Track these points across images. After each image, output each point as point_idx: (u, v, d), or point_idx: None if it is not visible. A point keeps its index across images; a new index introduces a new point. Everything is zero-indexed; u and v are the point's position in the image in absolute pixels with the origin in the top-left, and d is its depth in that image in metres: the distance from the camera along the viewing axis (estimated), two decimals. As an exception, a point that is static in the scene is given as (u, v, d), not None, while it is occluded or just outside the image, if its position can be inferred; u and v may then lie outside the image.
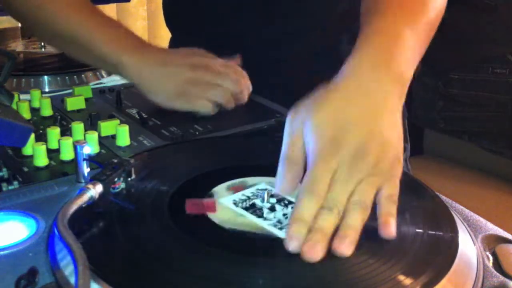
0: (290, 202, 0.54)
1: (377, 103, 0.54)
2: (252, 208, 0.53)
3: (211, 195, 0.55)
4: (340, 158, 0.50)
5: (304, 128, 0.52)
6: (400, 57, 0.58)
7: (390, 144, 0.52)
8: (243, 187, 0.57)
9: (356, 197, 0.48)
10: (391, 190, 0.50)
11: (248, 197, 0.54)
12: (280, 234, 0.49)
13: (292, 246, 0.46)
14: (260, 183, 0.57)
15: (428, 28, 0.67)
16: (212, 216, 0.51)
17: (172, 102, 0.80)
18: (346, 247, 0.45)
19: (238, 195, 0.55)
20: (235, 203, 0.53)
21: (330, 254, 0.46)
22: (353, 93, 0.54)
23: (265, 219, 0.51)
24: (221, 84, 0.81)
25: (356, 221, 0.47)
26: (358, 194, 0.49)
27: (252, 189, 0.56)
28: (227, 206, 0.53)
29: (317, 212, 0.47)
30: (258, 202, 0.54)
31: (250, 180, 0.58)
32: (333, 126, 0.51)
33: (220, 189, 0.56)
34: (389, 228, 0.48)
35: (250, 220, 0.51)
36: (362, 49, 0.58)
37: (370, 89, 0.54)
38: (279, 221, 0.51)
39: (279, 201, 0.54)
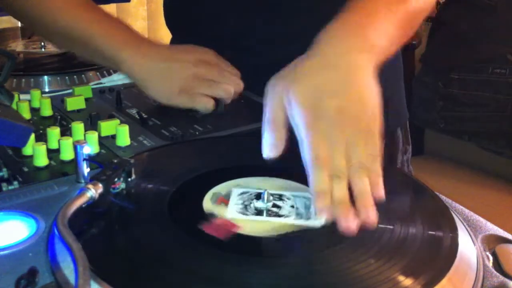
0: (280, 195, 0.54)
1: (348, 71, 0.58)
2: (261, 212, 0.52)
3: (213, 215, 0.52)
4: (326, 122, 0.53)
5: (284, 97, 0.56)
6: (370, 28, 0.62)
7: (366, 101, 0.56)
8: (222, 198, 0.55)
9: (354, 161, 0.52)
10: (372, 148, 0.53)
11: (245, 205, 0.54)
12: (314, 223, 0.50)
13: (324, 219, 0.49)
14: (233, 188, 0.56)
15: (409, 14, 0.70)
16: (242, 231, 0.50)
17: (174, 99, 0.80)
18: (373, 215, 0.49)
19: (235, 206, 0.53)
20: (243, 213, 0.53)
21: (330, 254, 0.46)
22: (326, 63, 0.59)
23: (285, 216, 0.51)
24: (223, 81, 0.81)
25: (364, 185, 0.51)
26: (354, 157, 0.52)
27: (237, 197, 0.55)
28: (242, 218, 0.52)
29: (330, 180, 0.51)
30: (259, 204, 0.53)
31: (220, 188, 0.57)
32: (312, 94, 0.55)
33: (212, 206, 0.54)
34: (376, 187, 0.51)
35: (275, 222, 0.51)
36: (335, 22, 0.63)
37: (341, 59, 0.59)
38: (298, 214, 0.51)
39: (278, 198, 0.54)
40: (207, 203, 0.54)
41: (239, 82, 0.85)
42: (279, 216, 0.51)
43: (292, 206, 0.53)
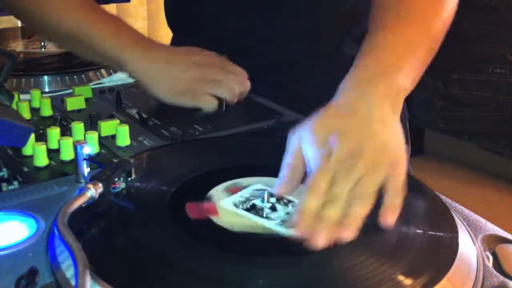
0: (290, 201, 0.54)
1: (365, 115, 0.56)
2: (254, 209, 0.53)
3: (209, 198, 0.54)
4: (337, 160, 0.51)
5: (302, 141, 0.55)
6: (400, 74, 0.60)
7: (386, 146, 0.53)
8: (240, 188, 0.56)
9: (358, 190, 0.50)
10: (396, 183, 0.51)
11: (247, 198, 0.54)
12: (286, 232, 0.49)
13: (295, 232, 0.48)
14: (256, 183, 0.57)
15: (434, 43, 0.69)
16: (216, 219, 0.51)
17: (177, 98, 0.81)
18: (347, 233, 0.47)
19: (237, 197, 0.55)
20: (235, 205, 0.53)
21: (330, 254, 0.46)
22: (343, 109, 0.57)
23: (269, 219, 0.51)
24: (226, 81, 0.82)
25: (358, 211, 0.49)
26: (359, 187, 0.50)
27: (249, 190, 0.56)
28: (228, 208, 0.53)
29: (321, 207, 0.49)
30: (258, 202, 0.54)
31: (245, 180, 0.58)
32: (326, 134, 0.54)
33: (217, 191, 0.56)
34: (389, 217, 0.49)
35: (254, 221, 0.51)
36: (362, 66, 0.61)
37: (365, 106, 0.57)
38: (283, 220, 0.51)
39: (279, 200, 0.54)
40: (219, 189, 0.55)
41: (245, 82, 0.84)
42: (263, 217, 0.51)
43: (288, 213, 0.52)
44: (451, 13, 0.73)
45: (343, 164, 0.51)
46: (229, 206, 0.53)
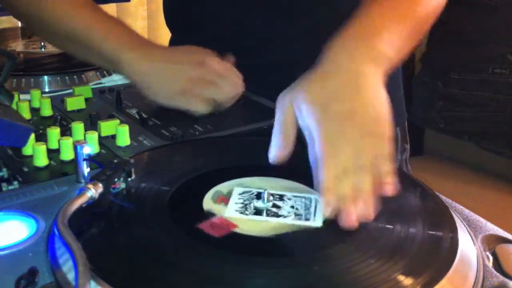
0: (284, 196, 0.54)
1: (356, 78, 0.59)
2: (259, 212, 0.52)
3: (208, 214, 0.52)
4: (335, 124, 0.55)
5: (294, 103, 0.57)
6: (377, 39, 0.63)
7: (374, 106, 0.57)
8: (224, 197, 0.55)
9: (360, 162, 0.53)
10: (380, 150, 0.54)
11: (245, 204, 0.54)
12: (313, 223, 0.50)
13: (321, 220, 0.51)
14: (233, 187, 0.56)
15: (418, 22, 0.71)
16: (239, 230, 0.50)
17: (172, 100, 0.80)
18: (369, 213, 0.50)
19: (235, 205, 0.53)
20: (242, 212, 0.52)
21: (330, 254, 0.47)
22: (334, 71, 0.60)
23: (284, 216, 0.51)
24: (221, 85, 0.81)
25: (365, 184, 0.52)
26: (361, 157, 0.53)
27: (237, 196, 0.55)
28: (237, 217, 0.52)
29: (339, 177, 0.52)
30: (259, 204, 0.53)
31: (223, 188, 0.56)
32: (321, 98, 0.56)
33: (209, 204, 0.54)
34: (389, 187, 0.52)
35: (273, 222, 0.51)
36: (343, 33, 0.64)
37: (349, 67, 0.60)
38: (297, 214, 0.51)
39: (279, 198, 0.54)
40: (208, 202, 0.54)
41: (240, 85, 0.84)
42: (278, 216, 0.51)
43: (292, 207, 0.53)
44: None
45: (342, 128, 0.54)
46: (237, 214, 0.52)
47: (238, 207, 0.53)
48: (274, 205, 0.53)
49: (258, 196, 0.54)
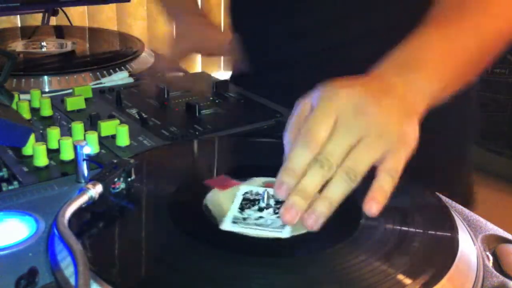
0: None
1: (386, 88, 0.52)
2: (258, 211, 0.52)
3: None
4: (341, 108, 0.49)
5: (312, 96, 0.52)
6: (422, 72, 0.56)
7: (406, 121, 0.51)
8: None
9: (349, 163, 0.47)
10: (393, 163, 0.48)
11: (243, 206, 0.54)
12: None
13: (280, 195, 0.47)
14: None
15: (484, 42, 0.62)
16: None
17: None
18: (312, 222, 0.46)
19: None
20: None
21: (330, 254, 0.47)
22: (364, 80, 0.53)
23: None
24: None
25: (336, 193, 0.46)
26: (352, 159, 0.47)
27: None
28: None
29: (308, 165, 0.47)
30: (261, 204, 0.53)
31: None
32: (345, 86, 0.51)
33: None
34: (372, 205, 0.46)
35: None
36: (386, 59, 0.57)
37: (390, 80, 0.54)
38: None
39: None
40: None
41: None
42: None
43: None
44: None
45: (346, 115, 0.48)
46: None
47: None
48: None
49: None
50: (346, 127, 0.48)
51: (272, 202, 0.53)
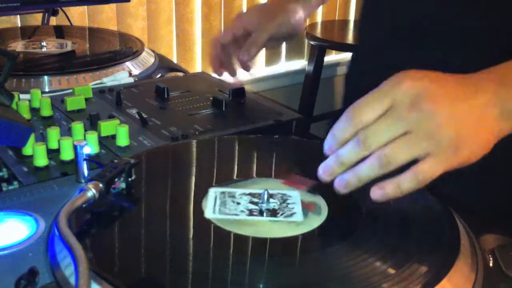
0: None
1: (472, 99, 0.49)
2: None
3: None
4: (397, 98, 0.48)
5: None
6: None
7: (466, 131, 0.48)
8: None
9: (387, 150, 0.47)
10: (428, 168, 0.47)
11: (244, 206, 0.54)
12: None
13: (326, 151, 0.50)
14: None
15: None
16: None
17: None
18: (340, 187, 0.49)
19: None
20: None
21: (330, 254, 0.47)
22: (458, 83, 0.51)
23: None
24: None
25: (365, 172, 0.48)
26: (390, 148, 0.47)
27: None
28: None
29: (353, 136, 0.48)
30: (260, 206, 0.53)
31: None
32: (420, 76, 0.49)
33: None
34: (377, 190, 0.48)
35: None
36: (487, 72, 0.53)
37: (477, 87, 0.50)
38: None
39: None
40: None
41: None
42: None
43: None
44: None
45: (401, 106, 0.47)
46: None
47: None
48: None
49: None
50: (395, 117, 0.47)
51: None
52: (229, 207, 0.52)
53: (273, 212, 0.52)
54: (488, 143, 0.50)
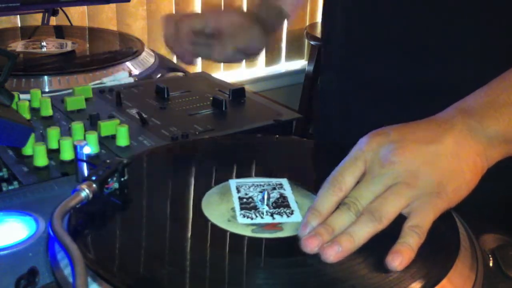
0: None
1: (442, 138, 0.50)
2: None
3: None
4: (368, 159, 0.49)
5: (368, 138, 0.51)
6: (495, 119, 0.51)
7: (444, 171, 0.48)
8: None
9: (374, 204, 0.47)
10: (419, 220, 0.46)
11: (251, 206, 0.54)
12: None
13: (302, 234, 0.47)
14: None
15: None
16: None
17: None
18: (331, 255, 0.44)
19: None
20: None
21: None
22: (424, 125, 0.52)
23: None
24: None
25: (360, 231, 0.46)
26: (378, 202, 0.47)
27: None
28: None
29: (336, 207, 0.48)
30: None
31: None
32: (384, 132, 0.50)
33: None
34: (395, 257, 0.44)
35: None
36: (461, 103, 0.54)
37: (436, 128, 0.51)
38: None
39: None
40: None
41: None
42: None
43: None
44: None
45: (379, 163, 0.48)
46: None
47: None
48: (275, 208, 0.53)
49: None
50: (373, 177, 0.48)
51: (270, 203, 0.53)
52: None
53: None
54: (475, 175, 0.50)
